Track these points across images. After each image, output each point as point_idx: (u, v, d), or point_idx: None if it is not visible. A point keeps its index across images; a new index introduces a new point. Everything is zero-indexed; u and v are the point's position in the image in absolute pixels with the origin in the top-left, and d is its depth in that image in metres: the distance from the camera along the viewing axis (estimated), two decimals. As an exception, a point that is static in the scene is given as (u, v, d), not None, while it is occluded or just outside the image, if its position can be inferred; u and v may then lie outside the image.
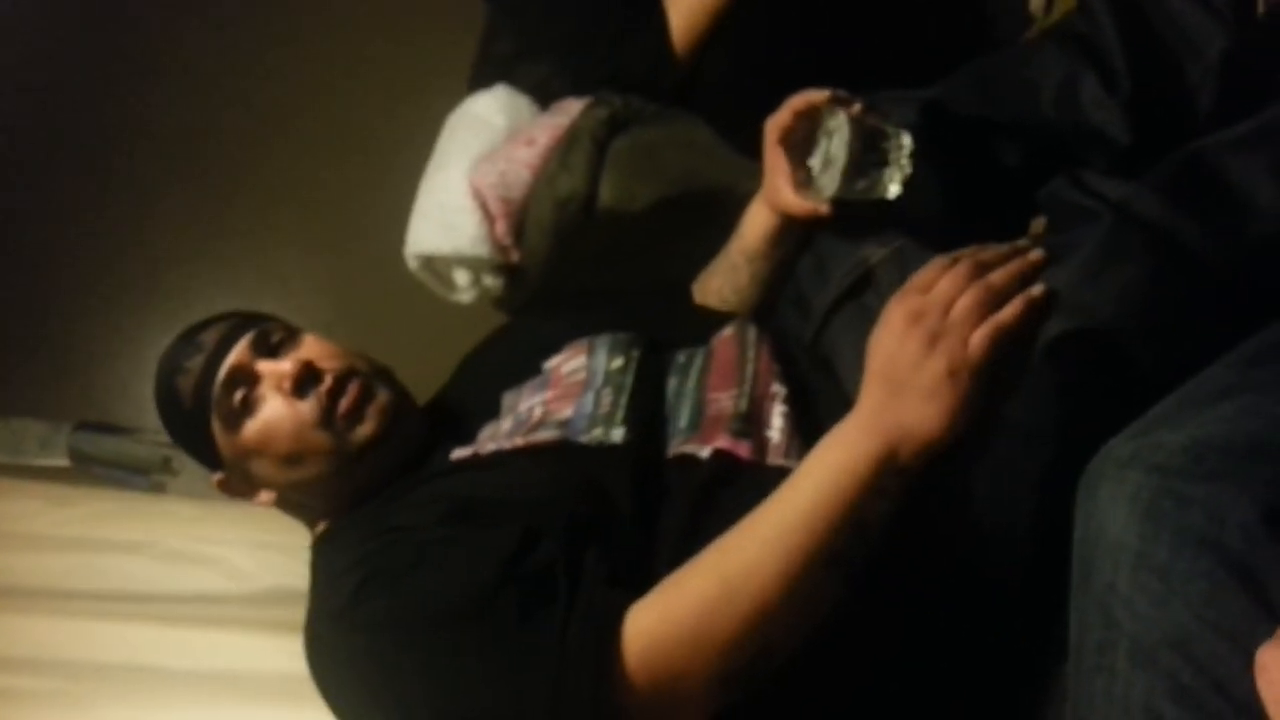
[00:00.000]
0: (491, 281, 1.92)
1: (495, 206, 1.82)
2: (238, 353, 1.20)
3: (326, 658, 1.08)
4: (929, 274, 0.96)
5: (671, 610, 0.92)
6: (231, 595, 1.85)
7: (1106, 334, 0.92)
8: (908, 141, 1.14)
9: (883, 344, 0.95)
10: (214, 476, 1.27)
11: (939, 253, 1.05)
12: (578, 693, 0.91)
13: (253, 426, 1.19)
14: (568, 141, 1.77)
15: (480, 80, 2.04)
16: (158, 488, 1.98)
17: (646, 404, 1.16)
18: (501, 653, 0.94)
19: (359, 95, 2.47)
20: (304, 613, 1.20)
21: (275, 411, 1.19)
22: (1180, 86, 1.18)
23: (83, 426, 2.07)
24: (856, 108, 1.16)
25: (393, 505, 1.15)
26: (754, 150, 1.32)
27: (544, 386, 1.24)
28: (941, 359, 0.92)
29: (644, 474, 1.08)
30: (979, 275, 0.94)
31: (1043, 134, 1.21)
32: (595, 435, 1.12)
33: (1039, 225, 1.25)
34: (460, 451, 1.19)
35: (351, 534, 1.15)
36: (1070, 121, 1.19)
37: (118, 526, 1.95)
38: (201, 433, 1.22)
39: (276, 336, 1.23)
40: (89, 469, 2.04)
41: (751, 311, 1.35)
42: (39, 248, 2.45)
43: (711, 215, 1.52)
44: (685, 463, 1.09)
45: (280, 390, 1.19)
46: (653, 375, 1.19)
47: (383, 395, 1.21)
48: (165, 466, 1.99)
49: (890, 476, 0.93)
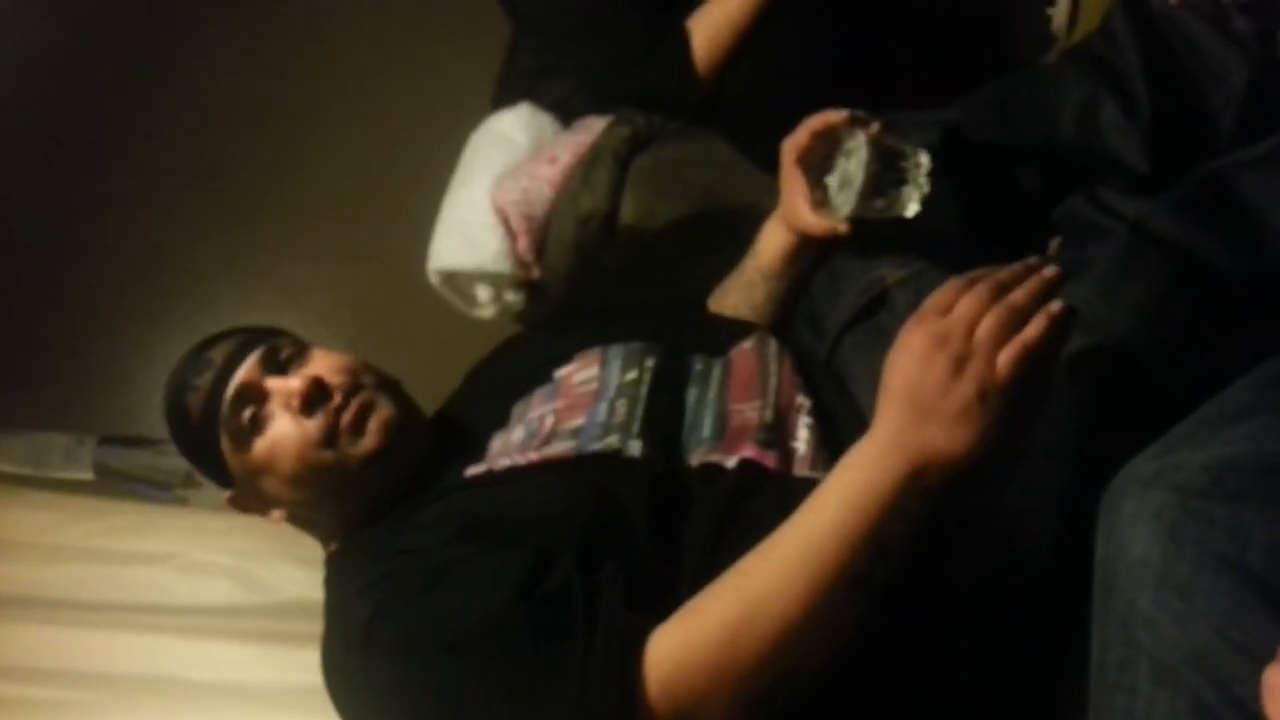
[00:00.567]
0: (513, 297, 1.93)
1: (517, 223, 1.83)
2: (246, 370, 1.20)
3: (344, 684, 1.08)
4: (947, 295, 0.94)
5: (693, 635, 0.92)
6: (254, 607, 1.86)
7: (1123, 349, 0.93)
8: (926, 161, 1.14)
9: (904, 367, 0.93)
10: (225, 494, 1.27)
11: (956, 274, 1.05)
12: (602, 718, 0.91)
13: (261, 445, 1.19)
14: (590, 159, 1.78)
15: (503, 96, 2.05)
16: (180, 501, 1.99)
17: (663, 415, 1.15)
18: (523, 678, 0.94)
19: (381, 109, 2.48)
20: (321, 623, 1.22)
21: (283, 430, 1.18)
22: (1201, 115, 1.17)
23: (107, 440, 2.08)
24: (875, 128, 1.16)
25: (404, 524, 1.14)
26: (775, 168, 1.33)
27: (554, 395, 1.24)
28: (971, 383, 0.89)
29: (662, 486, 1.08)
30: (998, 296, 0.93)
31: (1062, 157, 1.22)
32: (610, 443, 1.12)
33: (1055, 246, 1.25)
34: (475, 468, 1.19)
35: (362, 555, 1.14)
36: (1089, 145, 1.19)
37: (141, 539, 1.96)
38: (211, 450, 1.21)
39: (285, 353, 1.22)
40: (113, 482, 2.05)
41: (769, 327, 1.35)
42: (62, 263, 2.47)
43: (733, 232, 1.52)
44: (710, 472, 1.09)
45: (289, 408, 1.18)
46: (669, 385, 1.19)
47: (385, 409, 1.20)
48: (188, 480, 2.00)
49: (913, 498, 0.91)
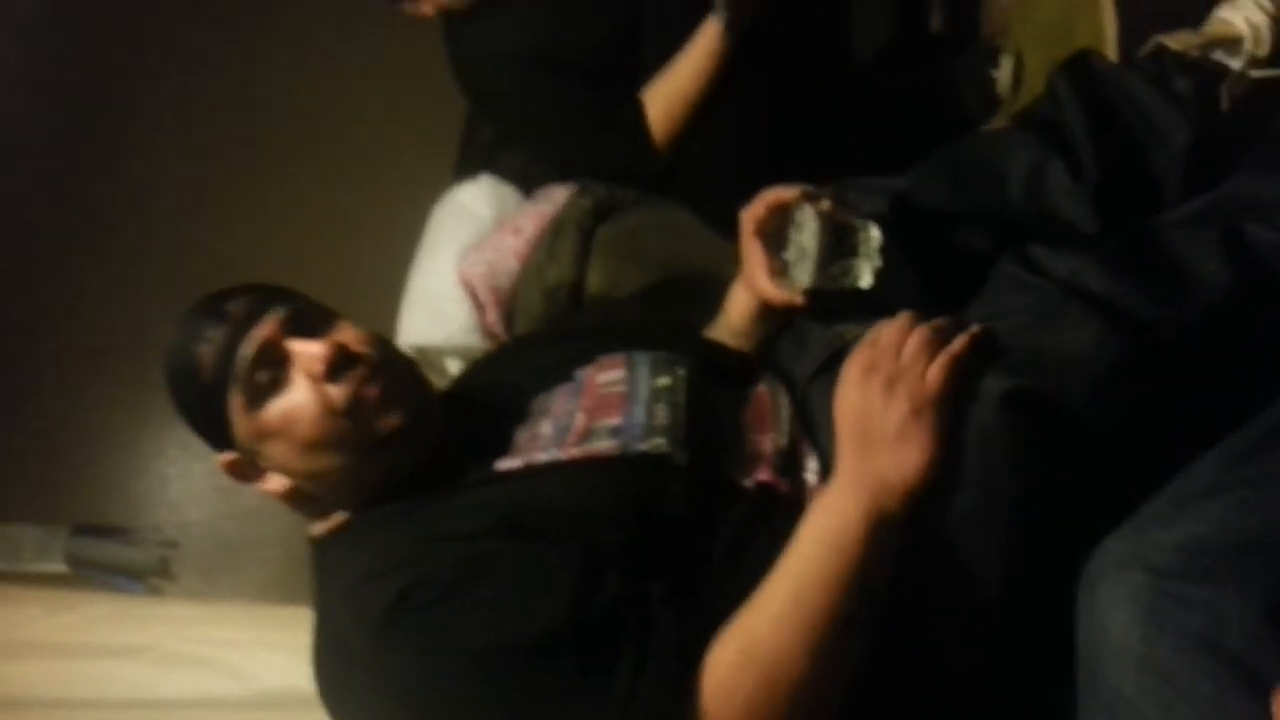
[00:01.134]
0: (483, 369, 1.94)
1: (485, 295, 1.84)
2: (269, 327, 1.12)
3: (345, 674, 1.04)
4: (875, 331, 1.02)
5: (720, 703, 0.94)
6: (233, 698, 1.82)
7: (1051, 394, 0.96)
8: (876, 234, 1.17)
9: (846, 402, 1.01)
10: (222, 457, 1.17)
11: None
12: None
13: (277, 408, 1.11)
14: (553, 231, 1.80)
15: (464, 168, 2.07)
16: (155, 591, 1.96)
17: (702, 425, 1.14)
18: (558, 707, 0.94)
19: (343, 181, 2.49)
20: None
21: (303, 395, 1.10)
22: (1146, 175, 1.22)
23: (79, 531, 2.06)
24: (825, 204, 1.18)
25: (434, 509, 1.09)
26: (735, 233, 1.35)
27: (578, 393, 1.20)
28: (903, 401, 0.97)
29: (702, 494, 1.07)
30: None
31: (1012, 221, 1.24)
32: (657, 444, 1.09)
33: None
34: (509, 462, 1.13)
35: (380, 533, 1.09)
36: (1038, 209, 1.23)
37: (115, 630, 1.92)
38: (216, 408, 1.12)
39: (310, 317, 1.15)
40: (86, 573, 2.03)
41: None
42: (25, 353, 2.45)
43: (697, 297, 1.54)
44: (730, 490, 1.09)
45: (310, 373, 1.10)
46: (703, 398, 1.18)
47: (410, 388, 1.15)
48: (163, 569, 1.97)
49: (884, 529, 0.96)
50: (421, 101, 2.27)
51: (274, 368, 1.11)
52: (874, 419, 0.99)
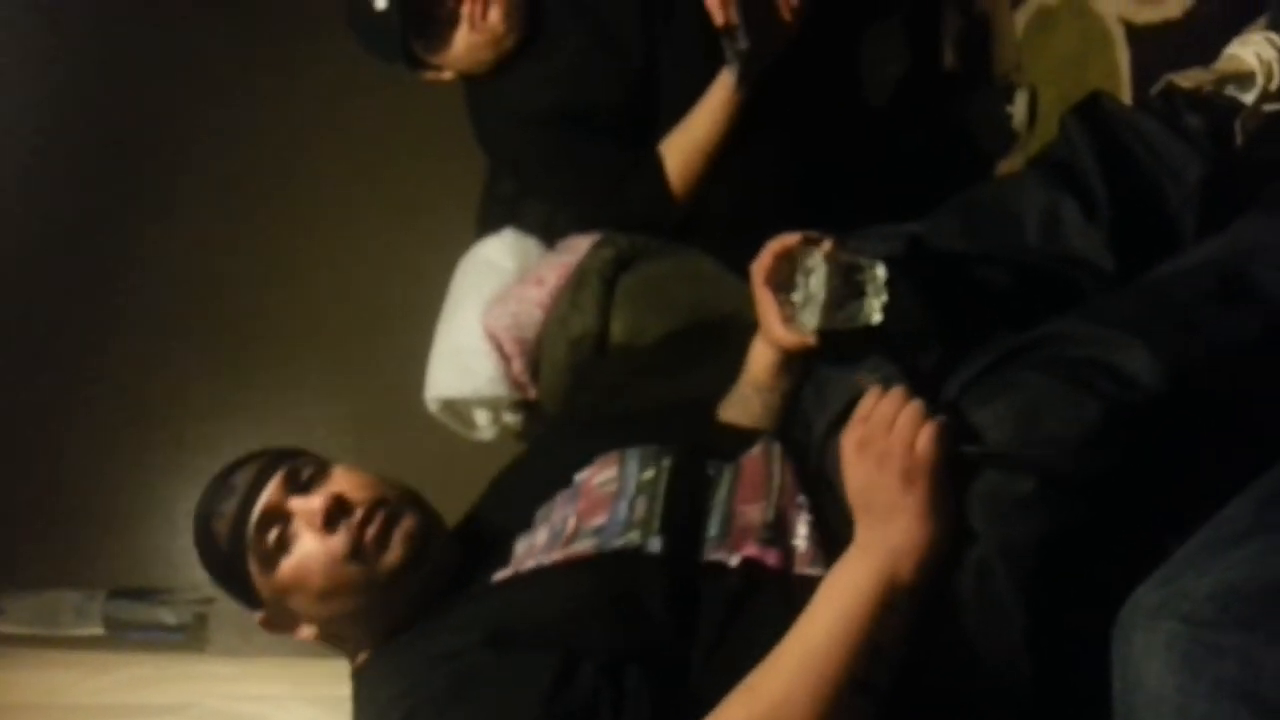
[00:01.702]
0: (511, 418, 1.95)
1: (510, 347, 1.86)
2: (270, 492, 1.22)
3: None
4: (867, 404, 1.05)
5: None
6: (275, 752, 1.84)
7: (1046, 472, 0.97)
8: (881, 272, 1.19)
9: (849, 478, 1.05)
10: (256, 615, 1.28)
11: (929, 376, 1.12)
12: None
13: (288, 565, 1.21)
14: (576, 281, 1.81)
15: (487, 220, 2.09)
16: (195, 645, 1.98)
17: (682, 510, 1.18)
18: None
19: (367, 232, 2.52)
20: None
21: (308, 549, 1.20)
22: (1162, 211, 1.23)
23: (116, 594, 2.08)
24: (827, 246, 1.21)
25: (434, 629, 1.16)
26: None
27: (575, 498, 1.26)
28: (893, 473, 1.01)
29: (680, 583, 1.11)
30: (909, 397, 1.04)
31: (1030, 263, 1.25)
32: (631, 539, 1.14)
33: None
34: (502, 572, 1.20)
35: (393, 663, 1.17)
36: (1055, 251, 1.24)
37: (156, 690, 1.94)
38: (240, 574, 1.23)
39: (307, 472, 1.24)
40: (123, 634, 2.04)
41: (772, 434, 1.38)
42: (58, 416, 2.48)
43: (721, 343, 1.56)
44: (715, 570, 1.12)
45: (313, 527, 1.20)
46: (687, 482, 1.22)
47: (409, 520, 1.22)
48: (200, 627, 1.99)
49: (894, 594, 0.99)
50: (444, 155, 2.30)
51: (280, 526, 1.21)
52: (873, 491, 1.02)
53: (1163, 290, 1.11)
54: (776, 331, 1.27)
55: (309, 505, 1.21)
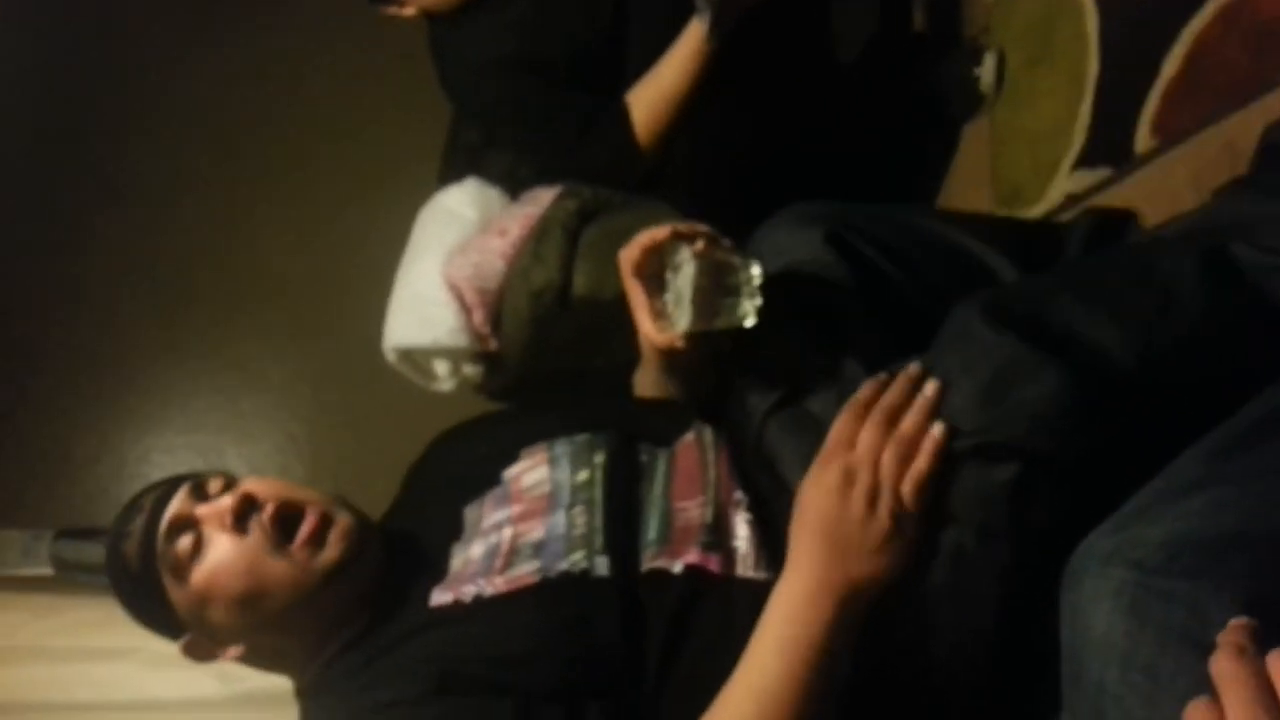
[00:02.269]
0: (470, 370, 1.94)
1: (471, 297, 1.85)
2: (176, 503, 1.20)
3: None
4: (847, 427, 1.00)
5: None
6: (223, 698, 1.83)
7: (1016, 447, 0.95)
8: (756, 271, 1.13)
9: (820, 504, 0.98)
10: (180, 643, 1.24)
11: (860, 357, 1.10)
12: None
13: (201, 570, 1.17)
14: (539, 233, 1.80)
15: (450, 169, 2.07)
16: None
17: (620, 519, 1.15)
18: None
19: (326, 184, 2.49)
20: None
21: (222, 550, 1.17)
22: None
23: (64, 534, 2.05)
24: (700, 244, 1.14)
25: (376, 666, 1.12)
26: (722, 233, 1.34)
27: (505, 500, 1.22)
28: (885, 516, 0.96)
29: (628, 599, 1.08)
30: (892, 422, 0.99)
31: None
32: (576, 561, 1.11)
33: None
34: (440, 596, 1.15)
35: (340, 702, 1.13)
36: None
37: (103, 634, 1.92)
38: (155, 594, 1.20)
39: (214, 484, 1.22)
40: (72, 576, 2.02)
41: (701, 408, 1.34)
42: (8, 357, 2.44)
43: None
44: (658, 578, 1.09)
45: (224, 527, 1.17)
46: (621, 483, 1.19)
47: (343, 519, 1.19)
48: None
49: (849, 632, 0.97)
50: (406, 104, 2.28)
51: (190, 534, 1.17)
52: (852, 528, 0.97)
53: (1143, 263, 1.07)
54: (646, 328, 1.20)
55: (217, 507, 1.18)
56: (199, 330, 2.44)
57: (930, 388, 0.99)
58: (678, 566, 1.09)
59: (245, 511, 1.17)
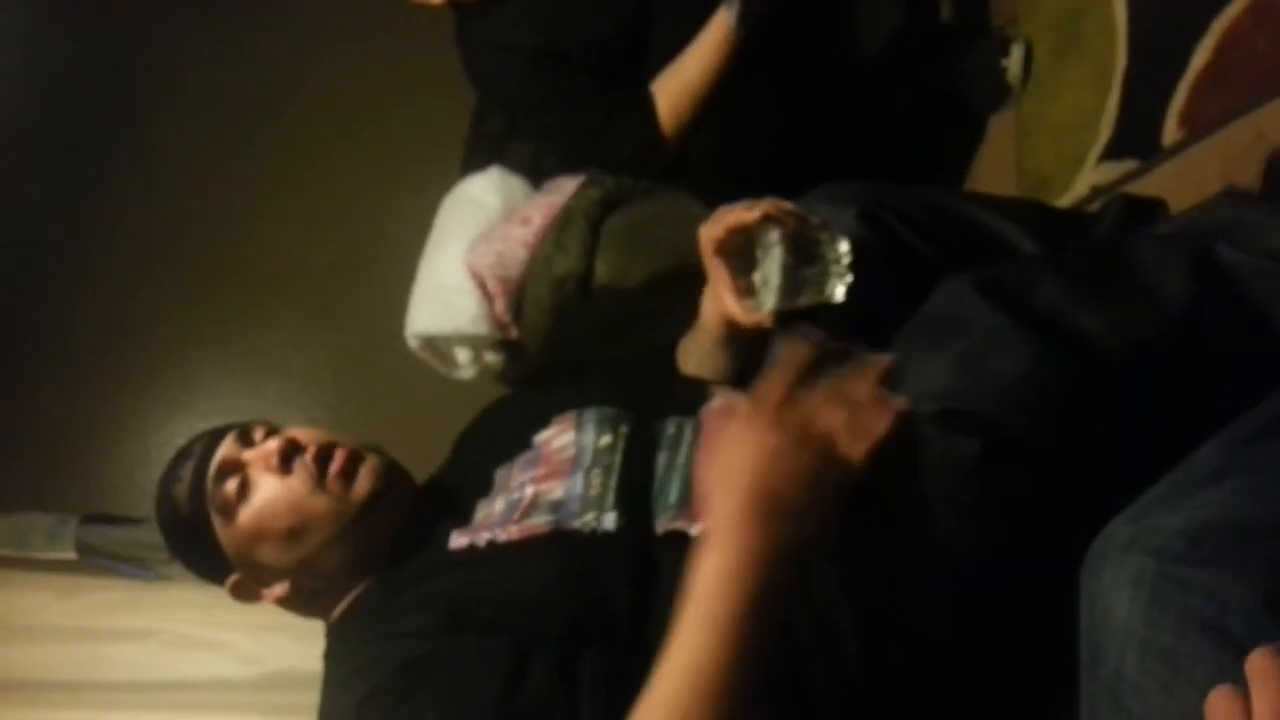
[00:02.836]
0: (492, 358, 1.94)
1: (494, 286, 1.85)
2: (224, 449, 1.26)
3: None
4: (779, 386, 0.89)
5: None
6: (241, 680, 1.85)
7: (989, 420, 0.93)
8: (844, 248, 1.13)
9: (754, 465, 0.87)
10: (227, 583, 1.30)
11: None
12: None
13: (249, 510, 1.23)
14: (562, 222, 1.80)
15: (473, 158, 2.08)
16: (164, 578, 1.98)
17: (635, 483, 1.17)
18: None
19: (350, 171, 2.50)
20: (314, 696, 1.20)
21: (269, 490, 1.23)
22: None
23: (89, 519, 2.08)
24: (790, 224, 1.14)
25: (394, 602, 1.17)
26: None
27: (534, 463, 1.25)
28: (829, 480, 0.87)
29: (637, 557, 1.09)
30: (841, 386, 0.89)
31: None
32: (588, 520, 1.13)
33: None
34: (458, 539, 1.19)
35: (356, 632, 1.18)
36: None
37: (126, 615, 1.95)
38: (204, 535, 1.25)
39: (259, 431, 1.29)
40: (95, 561, 2.04)
41: (738, 382, 1.35)
42: (36, 343, 2.46)
43: (703, 287, 1.55)
44: (675, 540, 1.09)
45: (269, 469, 1.24)
46: (641, 452, 1.20)
47: (372, 458, 1.26)
48: (170, 556, 1.99)
49: (781, 585, 0.88)
50: (430, 93, 2.28)
51: (238, 477, 1.24)
52: (794, 494, 0.87)
53: (1131, 257, 1.06)
54: (730, 306, 1.21)
55: (263, 450, 1.25)
56: (222, 317, 2.45)
57: (886, 357, 0.90)
58: (695, 529, 1.09)
59: (289, 454, 1.24)
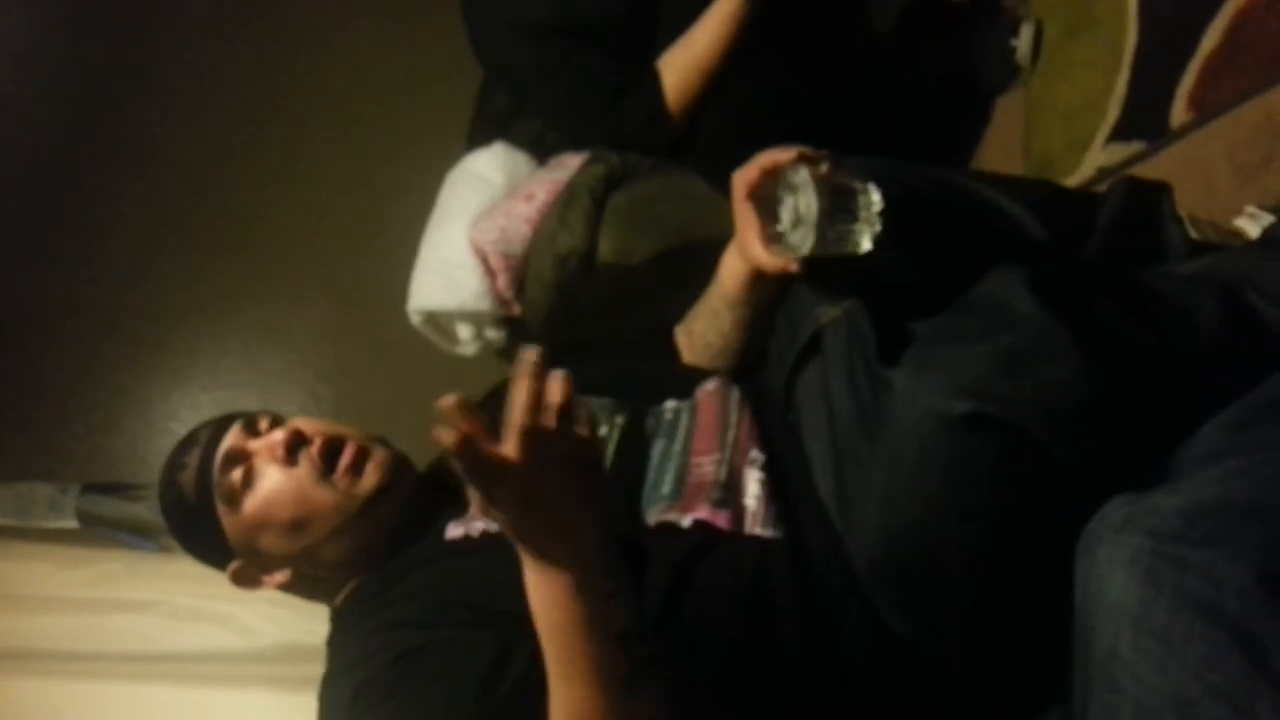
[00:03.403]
0: (494, 334, 1.94)
1: (496, 262, 1.85)
2: (230, 438, 1.28)
3: None
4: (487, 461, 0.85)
5: None
6: (241, 652, 1.85)
7: (1019, 425, 0.92)
8: (877, 198, 1.12)
9: (510, 526, 0.88)
10: (228, 569, 1.31)
11: (897, 308, 1.08)
12: None
13: (254, 499, 1.25)
14: (566, 198, 1.80)
15: (478, 135, 2.07)
16: (166, 548, 1.99)
17: (627, 473, 1.18)
18: None
19: (355, 148, 2.49)
20: (313, 668, 1.22)
21: (273, 480, 1.25)
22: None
23: (90, 489, 2.08)
24: (824, 168, 1.13)
25: (390, 590, 1.19)
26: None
27: None
28: (560, 503, 0.87)
29: (626, 549, 1.05)
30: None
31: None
32: None
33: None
34: (454, 530, 1.22)
35: (354, 624, 1.19)
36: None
37: (127, 586, 1.95)
38: (208, 522, 1.27)
39: (264, 421, 1.30)
40: (97, 530, 2.05)
41: (738, 358, 1.35)
42: (40, 312, 2.47)
43: (709, 265, 1.54)
44: (666, 531, 1.11)
45: (275, 459, 1.25)
46: (636, 442, 1.22)
47: (380, 452, 1.27)
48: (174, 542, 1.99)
49: (599, 582, 0.89)
50: (436, 70, 2.28)
51: (243, 465, 1.25)
52: (543, 533, 0.89)
53: (1165, 288, 1.05)
54: (756, 251, 1.20)
55: (269, 441, 1.26)
56: (226, 290, 2.45)
57: (530, 353, 0.87)
58: (686, 521, 1.11)
59: (295, 445, 1.25)
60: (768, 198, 1.18)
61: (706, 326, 1.38)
